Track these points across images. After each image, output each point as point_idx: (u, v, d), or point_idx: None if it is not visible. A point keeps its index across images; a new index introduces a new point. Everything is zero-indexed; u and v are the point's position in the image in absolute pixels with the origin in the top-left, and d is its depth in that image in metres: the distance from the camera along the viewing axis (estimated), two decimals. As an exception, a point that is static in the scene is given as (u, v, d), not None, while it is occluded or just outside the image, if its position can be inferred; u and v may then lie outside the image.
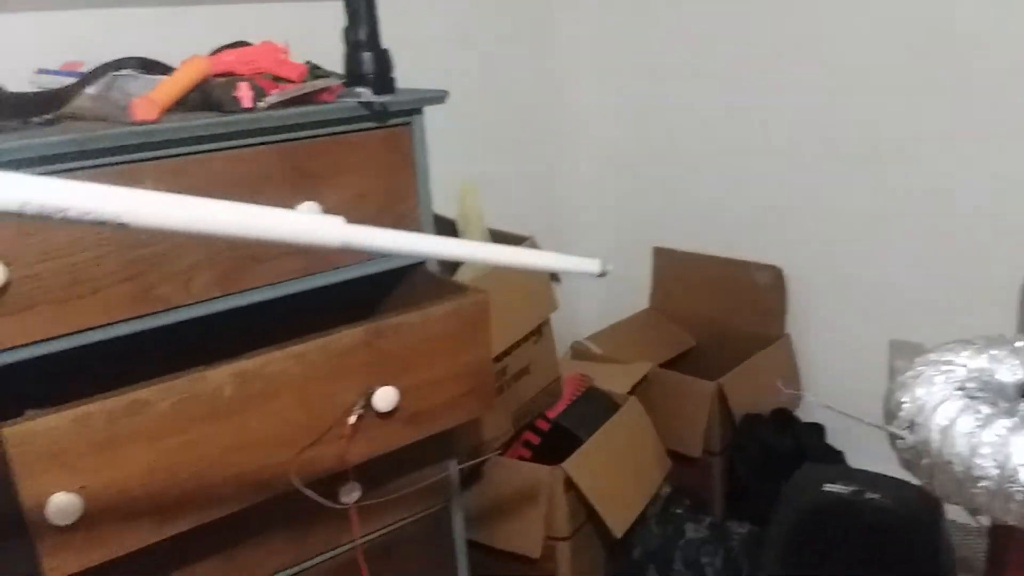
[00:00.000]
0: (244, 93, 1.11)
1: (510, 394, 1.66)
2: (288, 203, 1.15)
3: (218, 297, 1.11)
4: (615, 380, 1.91)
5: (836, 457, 1.94)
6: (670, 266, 2.26)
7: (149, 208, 0.57)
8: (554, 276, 1.72)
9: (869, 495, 1.57)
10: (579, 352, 2.09)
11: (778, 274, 2.07)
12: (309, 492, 1.05)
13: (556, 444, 1.72)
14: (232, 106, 1.10)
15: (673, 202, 2.27)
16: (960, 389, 0.91)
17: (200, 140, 1.06)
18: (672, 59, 2.17)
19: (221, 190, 1.09)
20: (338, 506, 1.18)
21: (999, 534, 0.94)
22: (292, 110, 1.13)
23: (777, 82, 2.01)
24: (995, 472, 0.83)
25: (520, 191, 2.24)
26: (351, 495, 1.22)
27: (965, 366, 0.98)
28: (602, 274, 0.84)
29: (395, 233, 0.70)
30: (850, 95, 1.90)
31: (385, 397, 1.12)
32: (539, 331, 1.69)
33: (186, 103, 1.14)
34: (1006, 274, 1.76)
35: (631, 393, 1.89)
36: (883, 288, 1.95)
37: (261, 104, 1.13)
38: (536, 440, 1.75)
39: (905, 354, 1.92)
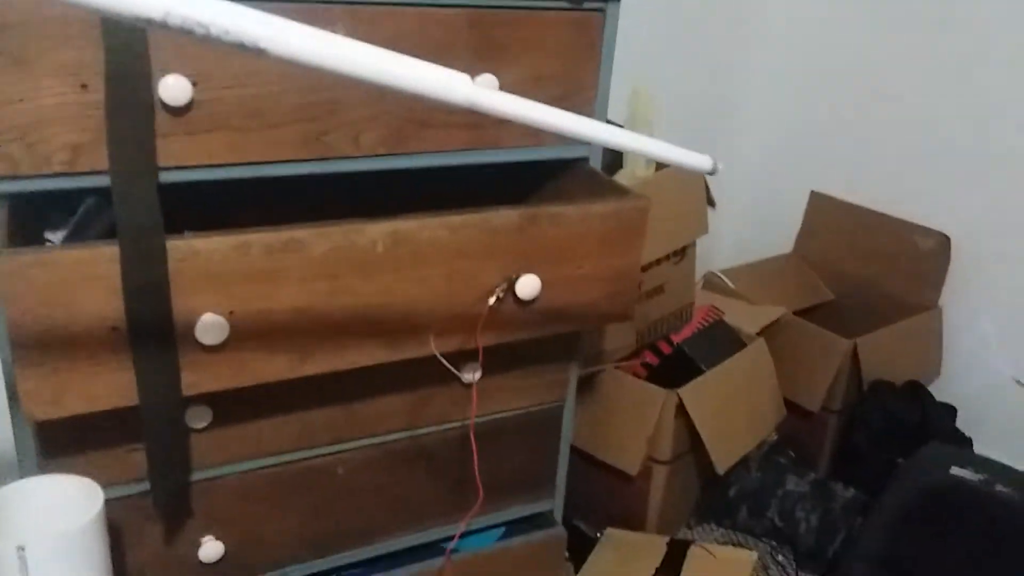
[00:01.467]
0: (443, -50, 1.07)
1: (641, 310, 1.63)
2: (468, 70, 1.12)
3: (383, 155, 1.10)
4: (746, 318, 1.85)
5: (964, 442, 1.84)
6: (825, 213, 2.14)
7: (288, 38, 0.55)
8: (710, 200, 1.65)
9: (1000, 487, 1.48)
10: (712, 284, 2.02)
11: (944, 242, 1.93)
12: (444, 361, 1.06)
13: (674, 369, 1.69)
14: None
15: (839, 147, 2.12)
16: None
17: (395, -9, 1.04)
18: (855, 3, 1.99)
19: (405, 45, 1.06)
20: (462, 380, 1.18)
21: None
22: (489, -24, 1.08)
23: (973, 40, 1.82)
24: None
25: (687, 110, 2.15)
26: (474, 374, 1.23)
27: None
28: (712, 171, 0.81)
29: (521, 101, 0.67)
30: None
31: (528, 285, 1.10)
32: (683, 252, 1.64)
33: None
34: None
35: (760, 334, 1.82)
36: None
37: (456, -36, 1.09)
38: (655, 361, 1.72)
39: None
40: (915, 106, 1.95)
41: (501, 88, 1.14)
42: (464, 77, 0.65)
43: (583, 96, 1.23)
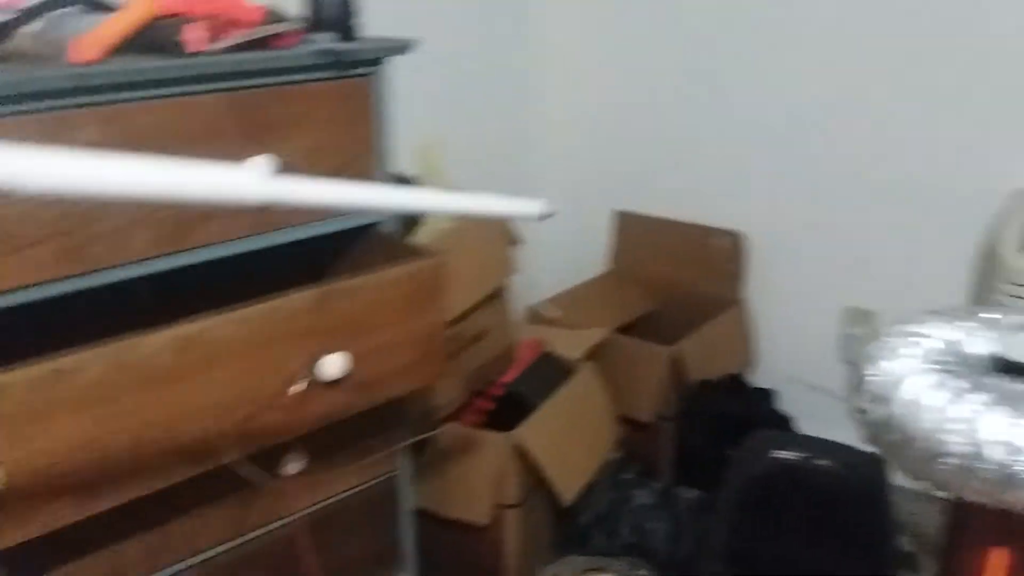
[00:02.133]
0: (193, 36, 1.03)
1: (464, 360, 1.62)
2: (239, 155, 1.06)
3: (159, 256, 1.04)
4: (570, 345, 1.88)
5: (786, 423, 1.95)
6: (631, 230, 2.23)
7: (30, 169, 0.47)
8: (514, 239, 1.67)
9: (817, 461, 1.58)
10: (535, 316, 2.05)
11: (736, 239, 2.06)
12: (245, 471, 0.99)
13: (509, 411, 1.69)
14: (179, 49, 1.02)
15: (635, 166, 2.23)
16: (932, 362, 0.90)
17: (143, 85, 0.98)
18: (641, 24, 2.11)
19: (166, 140, 1.01)
20: (270, 480, 1.12)
21: (959, 511, 0.94)
22: (245, 55, 1.05)
23: (739, 51, 1.97)
24: (963, 449, 0.82)
25: (484, 152, 2.18)
26: (294, 466, 1.17)
27: (931, 337, 0.97)
28: (543, 216, 0.80)
29: (326, 185, 0.64)
30: (809, 63, 1.88)
31: (333, 364, 1.07)
32: (496, 295, 1.65)
33: (131, 46, 1.05)
34: (959, 244, 1.78)
35: (586, 358, 1.86)
36: (839, 254, 1.95)
37: (211, 48, 1.05)
38: (489, 407, 1.71)
39: (858, 321, 1.93)
40: (700, 118, 2.07)
41: (278, 165, 1.11)
42: (253, 173, 0.59)
43: (364, 161, 1.21)
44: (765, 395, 2.01)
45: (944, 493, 0.86)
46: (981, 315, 1.03)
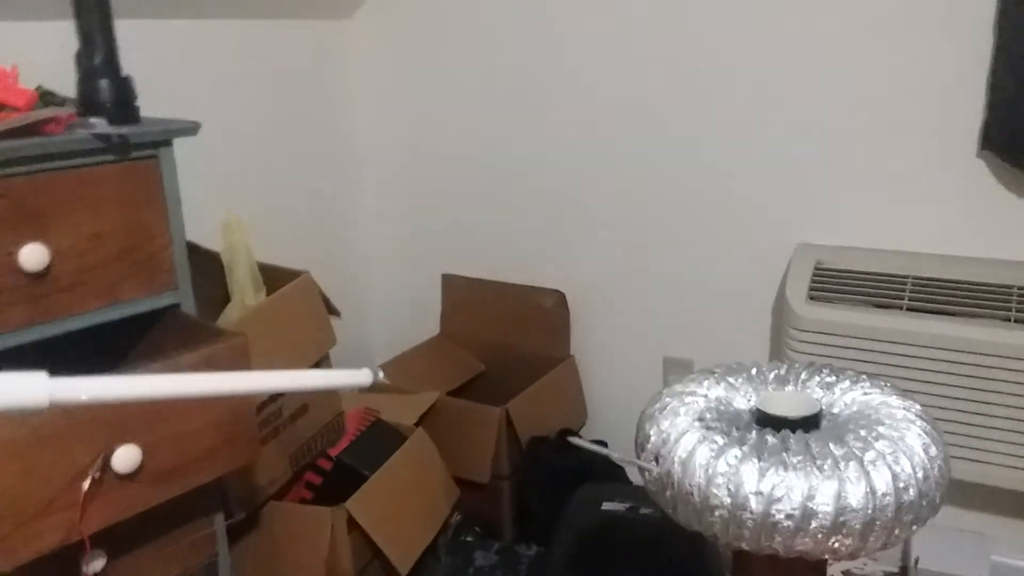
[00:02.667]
0: (-49, 123, 0.99)
1: (288, 435, 1.59)
2: (8, 246, 1.03)
3: (-80, 355, 0.97)
4: (403, 411, 1.88)
5: (617, 474, 2.01)
6: (459, 293, 2.27)
7: None
8: (332, 310, 1.66)
9: (643, 510, 1.64)
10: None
11: (561, 298, 2.13)
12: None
13: (341, 482, 1.66)
14: (-65, 138, 0.97)
15: (460, 231, 2.28)
16: (699, 420, 0.96)
17: None
18: (454, 90, 2.18)
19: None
20: (85, 574, 1.06)
21: (739, 559, 1.00)
22: (9, 143, 1.01)
23: (552, 118, 2.07)
24: (728, 500, 0.87)
25: (306, 223, 2.17)
26: (94, 565, 1.11)
27: (706, 396, 1.04)
28: (375, 381, 0.81)
29: (115, 380, 0.62)
30: (619, 129, 1.99)
31: (125, 457, 1.02)
32: (317, 367, 1.63)
33: None
34: (761, 294, 1.91)
35: (419, 423, 1.86)
36: (657, 309, 2.05)
37: (-27, 135, 1.00)
38: (318, 480, 1.68)
39: (677, 371, 2.03)
40: (519, 181, 2.15)
41: (55, 253, 1.07)
42: (40, 375, 0.57)
43: (156, 243, 1.18)
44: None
45: (720, 542, 0.91)
46: (751, 371, 1.10)
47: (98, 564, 1.12)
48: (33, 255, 1.04)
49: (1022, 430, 1.54)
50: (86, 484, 1.00)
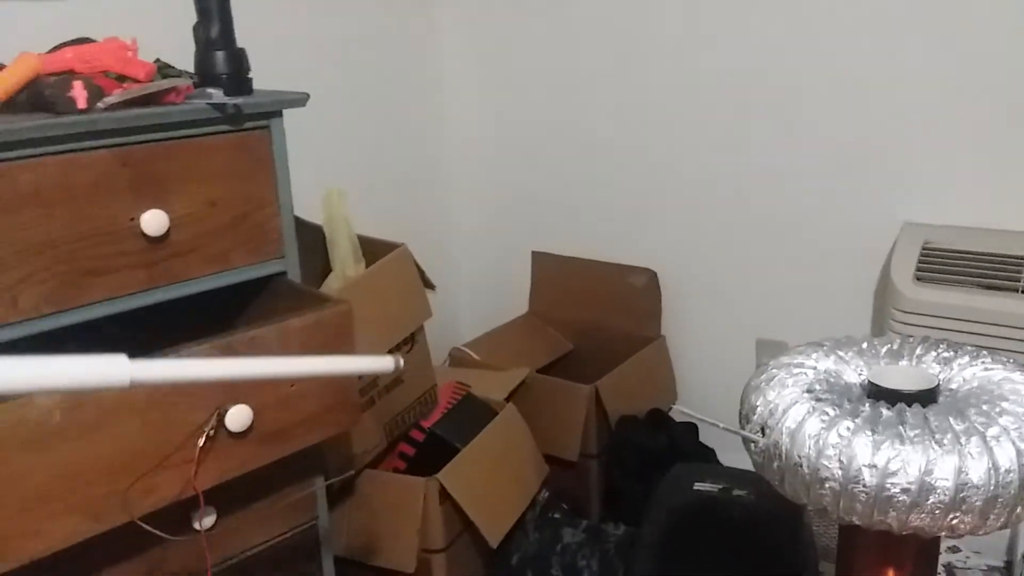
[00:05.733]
0: (78, 93, 1.03)
1: (383, 405, 1.62)
2: (131, 211, 1.08)
3: (50, 314, 1.03)
4: (493, 387, 1.89)
5: (708, 455, 1.98)
6: (548, 270, 2.27)
7: None
8: (428, 283, 1.69)
9: (736, 492, 1.61)
10: (458, 359, 2.06)
11: (652, 276, 2.11)
12: (145, 525, 0.98)
13: (432, 454, 1.69)
14: (65, 107, 1.02)
15: (551, 207, 2.27)
16: (808, 391, 0.94)
17: (28, 143, 0.98)
18: (548, 64, 2.17)
19: (53, 197, 1.00)
20: (176, 538, 1.10)
21: (846, 534, 0.97)
22: (133, 111, 1.05)
23: (647, 93, 2.04)
24: (839, 473, 0.85)
25: (399, 197, 2.21)
26: (205, 520, 1.15)
27: (815, 368, 1.01)
28: (396, 369, 0.86)
29: (184, 362, 0.68)
30: (716, 108, 1.95)
31: (238, 417, 1.06)
32: (412, 339, 1.66)
33: (15, 105, 1.05)
34: (860, 275, 1.85)
35: (508, 399, 1.88)
36: (751, 289, 2.01)
37: (99, 105, 1.05)
38: (411, 451, 1.71)
39: (770, 353, 1.98)
40: (614, 158, 2.13)
41: (173, 219, 1.11)
42: (121, 358, 0.62)
43: (265, 212, 1.22)
44: (687, 429, 2.05)
45: (831, 516, 0.89)
46: (861, 345, 1.07)
47: (209, 520, 1.17)
48: (154, 221, 1.08)
49: None
50: (201, 440, 1.04)
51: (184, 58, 1.21)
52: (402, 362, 0.87)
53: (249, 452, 1.10)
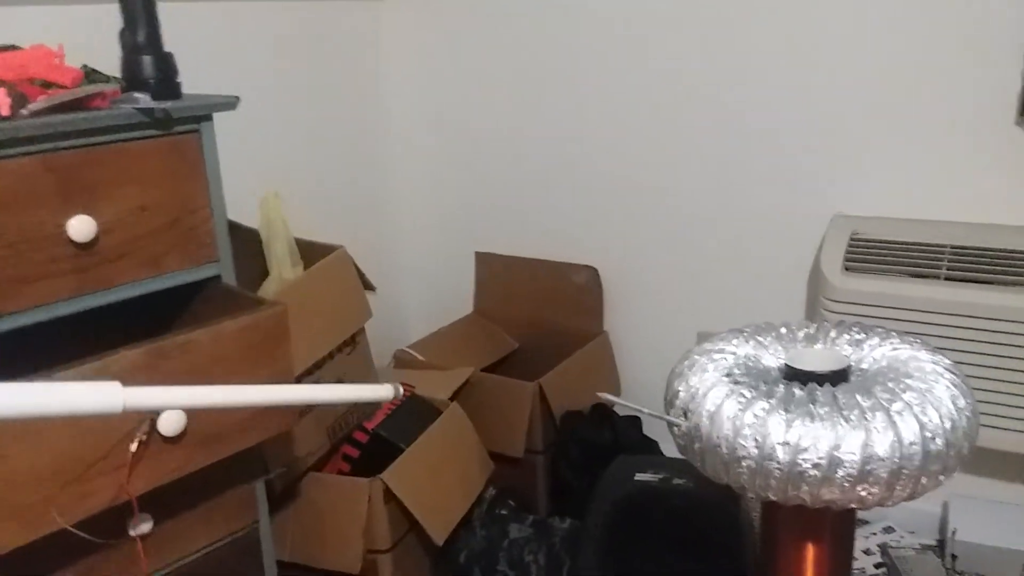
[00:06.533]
0: (1, 100, 1.03)
1: (325, 407, 1.62)
2: (57, 217, 1.07)
3: (-25, 323, 1.02)
4: (437, 387, 1.91)
5: (651, 447, 2.02)
6: (492, 270, 2.29)
7: None
8: (368, 284, 1.70)
9: (676, 480, 1.65)
10: (403, 360, 2.07)
11: (594, 274, 2.14)
12: (79, 532, 0.98)
13: (376, 455, 1.70)
14: (-13, 114, 1.02)
15: (493, 207, 2.30)
16: (727, 375, 0.97)
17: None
18: (489, 66, 2.20)
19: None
20: (110, 541, 1.10)
21: (767, 511, 1.01)
22: (57, 117, 1.05)
23: (586, 92, 2.08)
24: (755, 451, 0.88)
25: (342, 200, 2.21)
26: (142, 527, 1.15)
27: (735, 353, 1.05)
28: (396, 396, 0.92)
29: (178, 390, 0.70)
30: (650, 105, 2.00)
31: (170, 421, 1.06)
32: (353, 341, 1.67)
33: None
34: (797, 267, 1.90)
35: (453, 398, 1.89)
36: (690, 283, 2.06)
37: (22, 112, 1.05)
38: (355, 453, 1.72)
39: (710, 346, 2.03)
40: (552, 158, 2.17)
41: (102, 225, 1.11)
42: (114, 385, 0.63)
43: (197, 216, 1.22)
44: (631, 422, 2.08)
45: (748, 494, 0.93)
46: (779, 330, 1.11)
47: (145, 527, 1.16)
48: (81, 227, 1.08)
49: (1060, 397, 1.53)
50: (133, 446, 1.04)
51: (114, 64, 1.21)
52: (401, 389, 0.90)
53: (184, 456, 1.10)
